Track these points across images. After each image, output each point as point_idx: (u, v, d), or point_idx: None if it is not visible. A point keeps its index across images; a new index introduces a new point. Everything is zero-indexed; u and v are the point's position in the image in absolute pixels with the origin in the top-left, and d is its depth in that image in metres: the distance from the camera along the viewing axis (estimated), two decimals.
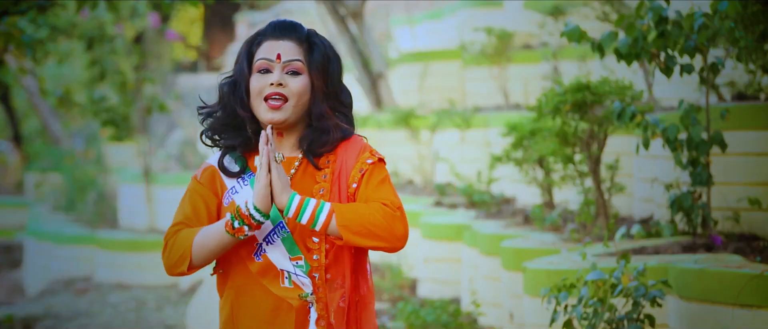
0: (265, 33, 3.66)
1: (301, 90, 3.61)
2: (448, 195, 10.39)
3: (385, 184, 3.63)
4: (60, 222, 16.16)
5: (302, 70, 3.62)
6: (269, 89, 3.60)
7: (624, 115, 6.12)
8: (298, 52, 3.63)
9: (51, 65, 19.62)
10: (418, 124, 11.26)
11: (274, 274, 3.60)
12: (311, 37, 3.66)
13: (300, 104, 3.62)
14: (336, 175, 3.63)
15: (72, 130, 20.58)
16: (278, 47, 3.62)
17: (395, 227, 3.55)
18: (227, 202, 3.66)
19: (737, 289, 4.97)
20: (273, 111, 3.60)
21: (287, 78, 3.61)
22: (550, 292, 5.19)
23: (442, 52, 13.49)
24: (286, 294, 3.58)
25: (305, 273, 3.58)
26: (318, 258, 3.59)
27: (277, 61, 3.61)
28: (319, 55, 3.64)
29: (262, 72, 3.62)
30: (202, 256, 3.60)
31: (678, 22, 5.87)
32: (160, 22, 17.74)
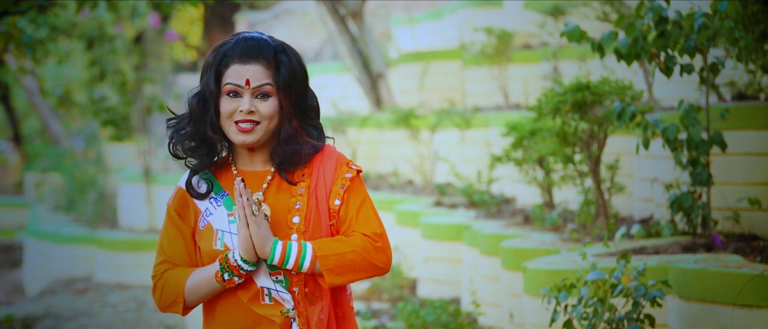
0: (232, 54, 3.60)
1: (272, 113, 3.59)
2: (448, 195, 10.39)
3: (365, 205, 3.63)
4: (60, 222, 16.17)
5: (271, 92, 3.59)
6: (239, 115, 3.58)
7: (624, 115, 6.12)
8: (266, 75, 3.58)
9: (51, 65, 19.63)
10: (418, 123, 11.26)
11: (254, 292, 3.60)
12: (278, 54, 3.61)
13: (271, 126, 3.61)
14: (312, 189, 3.62)
15: (72, 130, 20.59)
16: (246, 72, 3.57)
17: (377, 260, 3.58)
18: (203, 225, 3.64)
19: (737, 289, 4.97)
20: (244, 134, 3.58)
21: (257, 102, 3.58)
22: (550, 292, 5.19)
23: (442, 52, 13.48)
24: (267, 313, 3.58)
25: (285, 288, 3.58)
26: (297, 273, 3.58)
27: (247, 87, 3.58)
28: (285, 73, 3.59)
29: (231, 95, 3.59)
30: (196, 300, 3.64)
31: (678, 22, 5.87)
32: (160, 22, 17.74)
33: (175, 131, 3.66)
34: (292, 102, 3.60)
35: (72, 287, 13.72)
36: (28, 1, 9.29)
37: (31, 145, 22.23)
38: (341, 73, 14.94)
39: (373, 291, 9.45)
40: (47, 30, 15.95)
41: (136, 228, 14.67)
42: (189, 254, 3.68)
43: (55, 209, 17.76)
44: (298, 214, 3.59)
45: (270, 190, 3.63)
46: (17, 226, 19.62)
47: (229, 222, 3.61)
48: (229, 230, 3.61)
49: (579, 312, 5.05)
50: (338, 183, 3.63)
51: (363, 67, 13.48)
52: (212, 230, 3.62)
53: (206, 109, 3.61)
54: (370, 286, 9.53)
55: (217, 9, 24.62)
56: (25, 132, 23.33)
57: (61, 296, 13.33)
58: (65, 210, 17.21)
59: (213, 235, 3.62)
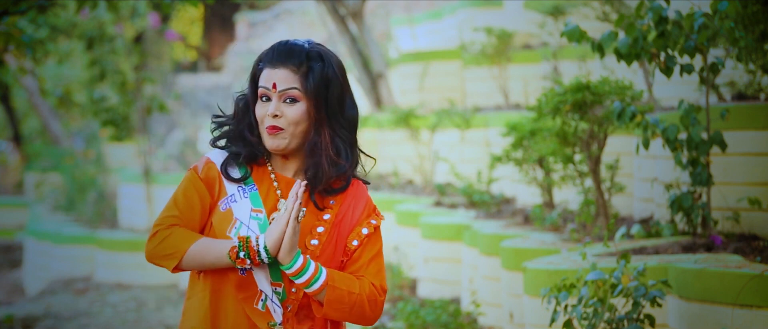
0: (266, 59, 3.65)
1: (298, 118, 3.60)
2: (448, 195, 10.39)
3: (379, 259, 3.68)
4: (60, 222, 16.16)
5: (299, 97, 3.60)
6: (267, 120, 3.61)
7: (624, 115, 6.12)
8: (293, 79, 3.59)
9: (51, 65, 19.63)
10: (418, 124, 11.26)
11: (251, 293, 3.60)
12: (310, 60, 3.62)
13: (298, 131, 3.61)
14: (336, 221, 3.64)
15: (72, 130, 20.59)
16: (274, 76, 3.60)
17: (372, 313, 3.63)
18: (224, 208, 3.63)
19: (737, 289, 4.97)
20: (272, 138, 3.61)
21: (284, 107, 3.60)
22: (550, 292, 5.19)
23: (442, 52, 13.48)
24: (255, 318, 3.59)
25: (280, 301, 3.59)
26: (296, 291, 3.60)
27: (273, 90, 3.60)
28: (315, 79, 3.60)
29: (263, 99, 3.63)
30: (194, 265, 3.59)
31: (678, 22, 5.87)
32: (160, 22, 17.74)
33: (218, 126, 3.71)
34: (324, 110, 3.62)
35: (72, 287, 13.72)
36: (28, 1, 9.29)
37: (31, 145, 22.23)
38: None
39: None
40: (47, 30, 15.94)
41: (136, 228, 14.67)
42: (200, 222, 3.66)
43: (55, 209, 17.76)
44: (318, 239, 3.62)
45: None
46: (17, 226, 19.62)
47: (251, 217, 3.61)
48: (248, 224, 3.60)
49: (579, 312, 5.05)
50: (362, 226, 3.67)
51: (363, 67, 13.48)
52: (231, 216, 3.61)
53: (247, 112, 3.67)
54: None
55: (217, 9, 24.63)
56: (25, 132, 23.33)
57: (61, 296, 13.33)
58: (65, 210, 17.21)
59: (230, 222, 3.61)
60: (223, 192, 3.65)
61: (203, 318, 3.62)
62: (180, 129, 18.75)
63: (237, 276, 3.59)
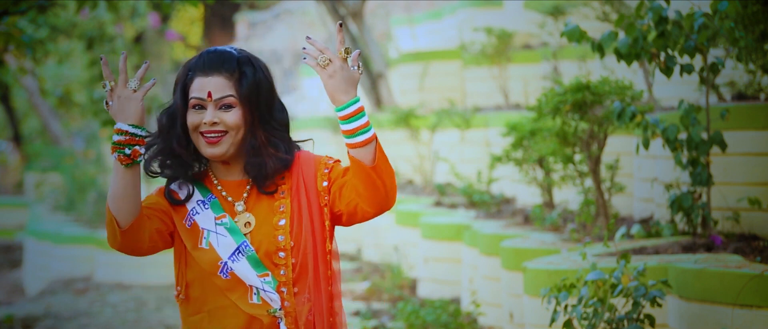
0: (196, 67, 3.64)
1: (237, 123, 3.62)
2: (448, 195, 10.39)
3: None
4: (60, 222, 16.16)
5: (235, 103, 3.62)
6: (204, 127, 3.61)
7: (624, 115, 6.12)
8: (228, 86, 3.61)
9: (51, 65, 19.63)
10: (418, 124, 11.26)
11: (242, 290, 3.60)
12: (241, 66, 3.64)
13: (238, 135, 3.63)
14: (294, 190, 3.65)
15: (72, 130, 20.59)
16: (208, 84, 3.60)
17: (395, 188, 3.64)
18: (189, 224, 3.65)
19: (737, 289, 4.97)
20: (211, 146, 3.62)
21: (220, 114, 3.61)
22: (550, 292, 5.19)
23: (442, 52, 13.48)
24: (254, 311, 3.59)
25: (273, 288, 3.60)
26: (285, 273, 3.61)
27: (209, 99, 3.61)
28: (248, 84, 3.62)
29: (197, 108, 3.62)
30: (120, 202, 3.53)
31: (678, 22, 5.87)
32: (160, 22, 17.74)
33: (146, 148, 3.64)
34: (257, 114, 3.63)
35: (72, 287, 13.72)
36: (28, 1, 9.28)
37: (31, 145, 22.24)
38: None
39: (373, 291, 9.45)
40: (47, 30, 15.93)
41: None
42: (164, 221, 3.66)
43: (55, 209, 17.76)
44: (284, 217, 3.63)
45: (251, 198, 3.67)
46: (17, 226, 19.62)
47: (216, 224, 3.63)
48: (215, 230, 3.62)
49: (579, 312, 5.05)
50: (321, 172, 3.66)
51: (363, 67, 13.47)
52: (198, 229, 3.64)
53: (173, 123, 3.65)
54: (370, 286, 9.53)
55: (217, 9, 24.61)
56: (25, 132, 23.34)
57: (61, 296, 13.33)
58: (65, 210, 17.20)
59: (199, 234, 3.63)
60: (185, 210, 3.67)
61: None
62: None
63: (223, 282, 3.60)
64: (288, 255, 3.60)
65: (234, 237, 3.61)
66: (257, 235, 3.62)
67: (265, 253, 3.61)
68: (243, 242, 3.61)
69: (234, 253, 3.60)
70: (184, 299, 3.67)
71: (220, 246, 3.61)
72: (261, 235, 3.61)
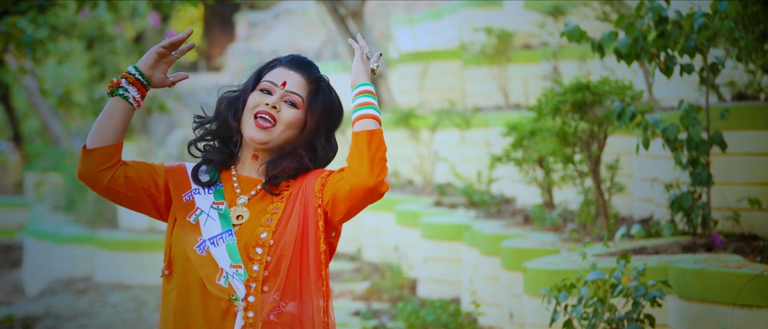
0: (282, 61, 3.78)
1: (291, 121, 3.71)
2: (448, 195, 10.39)
3: None
4: (60, 222, 16.16)
5: (300, 105, 3.72)
6: (262, 107, 3.69)
7: (624, 115, 6.12)
8: (303, 87, 3.74)
9: (51, 65, 19.63)
10: (418, 124, 11.26)
11: (212, 268, 3.65)
12: (321, 82, 3.78)
13: (285, 133, 3.71)
14: (292, 197, 3.71)
15: (72, 130, 20.59)
16: (287, 76, 3.73)
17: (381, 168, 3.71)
18: (187, 199, 3.74)
19: (737, 289, 4.97)
20: (258, 130, 3.70)
21: (283, 105, 3.72)
22: (550, 292, 5.19)
23: (442, 52, 13.49)
24: (217, 292, 3.63)
25: (241, 281, 3.63)
26: (257, 268, 3.64)
27: (281, 87, 3.72)
28: (321, 99, 3.75)
29: (263, 92, 3.72)
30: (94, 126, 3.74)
31: (678, 22, 5.87)
32: (160, 22, 17.74)
33: (199, 125, 3.81)
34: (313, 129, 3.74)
35: (72, 287, 13.72)
36: (28, 1, 9.29)
37: (31, 145, 22.23)
38: (341, 73, 14.92)
39: (373, 291, 9.45)
40: (47, 30, 15.92)
41: (136, 228, 14.67)
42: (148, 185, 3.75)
43: (55, 209, 17.76)
44: (273, 217, 3.68)
45: (255, 198, 3.74)
46: (17, 226, 19.61)
47: (211, 207, 3.70)
48: (208, 213, 3.69)
49: (579, 312, 5.05)
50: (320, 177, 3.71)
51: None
52: (193, 205, 3.71)
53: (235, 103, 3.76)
54: (370, 286, 9.53)
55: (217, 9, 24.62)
56: (25, 132, 23.33)
57: (61, 296, 13.33)
58: (65, 210, 17.20)
59: (191, 210, 3.71)
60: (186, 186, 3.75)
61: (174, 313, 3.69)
62: (180, 129, 18.74)
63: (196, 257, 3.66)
64: (265, 252, 3.65)
65: (222, 223, 3.68)
66: (243, 230, 3.68)
67: (243, 246, 3.66)
68: (228, 230, 3.68)
69: (215, 237, 3.67)
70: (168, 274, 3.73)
71: (205, 227, 3.68)
72: (247, 230, 3.68)
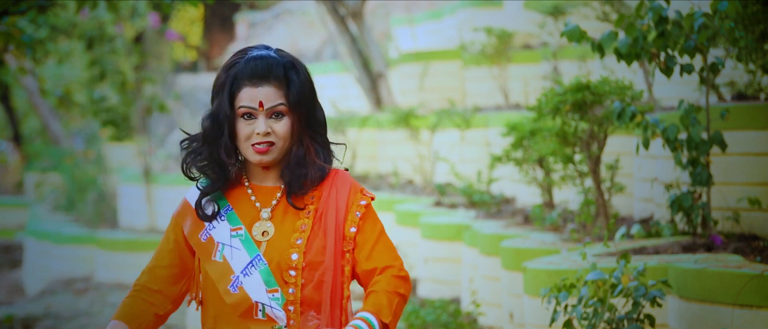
0: (243, 76, 3.61)
1: (286, 133, 3.62)
2: (448, 195, 10.39)
3: (384, 238, 3.68)
4: (60, 222, 16.17)
5: (285, 111, 3.62)
6: (256, 138, 3.60)
7: (624, 115, 6.11)
8: (278, 95, 3.61)
9: (51, 65, 19.63)
10: (418, 124, 11.26)
11: (248, 306, 3.60)
12: (287, 72, 3.64)
13: (286, 145, 3.64)
14: (320, 212, 3.64)
15: (72, 130, 20.58)
16: (258, 95, 3.59)
17: (407, 291, 3.65)
18: (205, 238, 3.67)
19: (737, 289, 4.97)
20: (261, 155, 3.62)
21: (272, 123, 3.61)
22: (550, 292, 5.19)
23: (442, 52, 13.48)
24: (259, 327, 3.60)
25: (280, 306, 3.59)
26: (294, 291, 3.59)
27: (260, 109, 3.60)
28: (296, 91, 3.63)
29: (246, 117, 3.62)
30: None
31: (678, 22, 5.87)
32: (160, 22, 17.74)
33: (188, 152, 3.69)
34: (303, 119, 3.65)
35: (72, 287, 13.72)
36: (28, 1, 9.28)
37: (31, 145, 22.22)
38: (341, 73, 14.95)
39: None
40: (47, 30, 15.94)
41: (136, 228, 14.67)
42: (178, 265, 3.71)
43: (55, 209, 17.75)
44: (302, 236, 3.61)
45: (278, 208, 3.66)
46: (17, 226, 19.61)
47: (231, 236, 3.63)
48: (230, 244, 3.63)
49: (579, 312, 5.05)
50: (353, 211, 3.64)
51: (363, 67, 13.48)
52: (213, 242, 3.64)
53: (220, 132, 3.63)
54: None
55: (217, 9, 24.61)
56: (25, 132, 23.33)
57: (61, 296, 13.33)
58: (65, 210, 17.20)
59: (213, 247, 3.64)
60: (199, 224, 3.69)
61: None
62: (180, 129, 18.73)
63: (231, 297, 3.60)
64: (298, 275, 3.59)
65: (248, 251, 3.61)
66: (271, 249, 3.61)
67: (276, 267, 3.60)
68: (256, 255, 3.60)
69: (247, 267, 3.60)
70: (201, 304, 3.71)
71: (233, 260, 3.62)
72: (275, 250, 3.60)
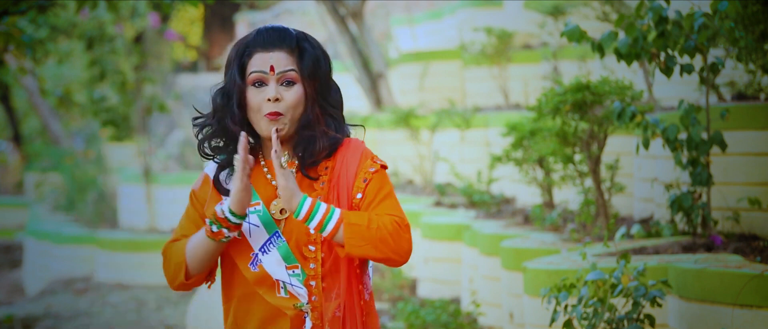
0: (255, 44, 3.61)
1: (297, 101, 3.59)
2: (448, 195, 10.39)
3: (391, 198, 3.60)
4: (60, 222, 16.17)
5: (296, 79, 3.59)
6: (267, 107, 3.57)
7: (624, 115, 6.12)
8: (290, 61, 3.59)
9: (51, 65, 19.64)
10: (418, 124, 11.26)
11: (269, 284, 3.59)
12: (300, 42, 3.62)
13: (296, 114, 3.60)
14: (334, 182, 3.60)
15: (72, 130, 20.58)
16: (270, 59, 3.58)
17: (402, 243, 3.51)
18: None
19: (737, 289, 4.97)
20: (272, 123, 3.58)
21: (282, 90, 3.58)
22: (550, 292, 5.19)
23: (442, 52, 13.49)
24: (281, 304, 3.58)
25: (301, 282, 3.57)
26: (314, 266, 3.57)
27: (271, 73, 3.58)
28: (309, 60, 3.60)
29: (257, 85, 3.59)
30: (196, 263, 3.62)
31: (678, 22, 5.87)
32: (160, 22, 17.74)
33: (200, 129, 3.67)
34: (316, 89, 3.61)
35: (72, 287, 13.72)
36: (28, 1, 9.28)
37: (31, 145, 22.23)
38: (341, 73, 14.94)
39: (374, 291, 9.45)
40: (47, 30, 15.94)
41: (136, 228, 14.67)
42: None
43: (55, 209, 17.76)
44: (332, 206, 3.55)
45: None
46: (17, 226, 19.62)
47: (249, 212, 3.60)
48: (248, 220, 3.60)
49: (579, 312, 5.05)
50: (360, 177, 3.60)
51: (363, 67, 13.48)
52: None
53: (229, 101, 3.60)
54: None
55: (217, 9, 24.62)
56: (25, 132, 23.33)
57: (61, 296, 13.33)
58: (65, 210, 17.21)
59: None
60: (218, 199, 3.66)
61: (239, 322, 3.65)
62: (180, 129, 18.74)
63: (253, 275, 3.60)
64: (318, 249, 3.57)
65: (266, 228, 3.60)
66: (290, 225, 3.59)
67: (295, 244, 3.58)
68: (275, 232, 3.59)
69: (265, 244, 3.60)
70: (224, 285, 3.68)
71: (252, 237, 3.61)
72: (293, 225, 3.59)
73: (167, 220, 14.37)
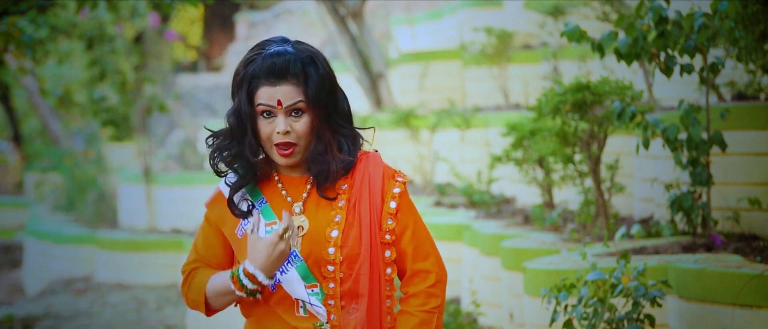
0: (260, 75, 3.56)
1: (307, 130, 3.57)
2: (448, 195, 10.39)
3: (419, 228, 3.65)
4: (60, 222, 16.16)
5: (304, 108, 3.56)
6: (277, 138, 3.56)
7: (624, 115, 6.12)
8: (297, 92, 3.56)
9: (51, 65, 19.63)
10: (418, 124, 11.26)
11: (288, 304, 3.59)
12: (306, 68, 3.58)
13: (307, 143, 3.59)
14: (353, 201, 3.59)
15: (72, 130, 20.58)
16: (276, 94, 3.54)
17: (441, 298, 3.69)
18: (241, 234, 3.64)
19: (737, 289, 4.98)
20: (285, 158, 3.58)
21: (291, 121, 3.56)
22: (550, 292, 5.19)
23: (442, 52, 13.49)
24: (300, 324, 3.58)
25: (320, 301, 3.56)
26: (333, 286, 3.56)
27: (279, 107, 3.55)
28: (315, 85, 3.56)
29: (266, 115, 3.57)
30: (217, 304, 3.65)
31: (678, 22, 5.87)
32: (160, 22, 17.74)
33: (216, 149, 3.64)
34: (324, 114, 3.59)
35: (72, 287, 13.72)
36: (28, 1, 9.28)
37: (31, 145, 22.23)
38: (341, 73, 14.93)
39: None
40: (47, 30, 15.94)
41: (136, 228, 14.66)
42: (225, 256, 3.70)
43: (55, 209, 17.75)
44: (337, 228, 3.57)
45: (310, 200, 3.62)
46: (17, 226, 19.61)
47: (266, 231, 3.59)
48: None
49: (579, 312, 5.05)
50: (388, 201, 3.61)
51: (363, 67, 13.48)
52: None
53: (245, 130, 3.59)
54: None
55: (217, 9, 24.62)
56: (25, 132, 23.33)
57: (61, 296, 13.33)
58: (65, 210, 17.20)
59: None
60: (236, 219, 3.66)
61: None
62: (180, 129, 18.74)
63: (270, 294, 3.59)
64: (337, 269, 3.56)
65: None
66: (308, 243, 3.58)
67: (313, 262, 3.57)
68: (293, 251, 3.58)
69: (284, 264, 3.57)
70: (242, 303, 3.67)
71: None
72: (311, 244, 3.57)
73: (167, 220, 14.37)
